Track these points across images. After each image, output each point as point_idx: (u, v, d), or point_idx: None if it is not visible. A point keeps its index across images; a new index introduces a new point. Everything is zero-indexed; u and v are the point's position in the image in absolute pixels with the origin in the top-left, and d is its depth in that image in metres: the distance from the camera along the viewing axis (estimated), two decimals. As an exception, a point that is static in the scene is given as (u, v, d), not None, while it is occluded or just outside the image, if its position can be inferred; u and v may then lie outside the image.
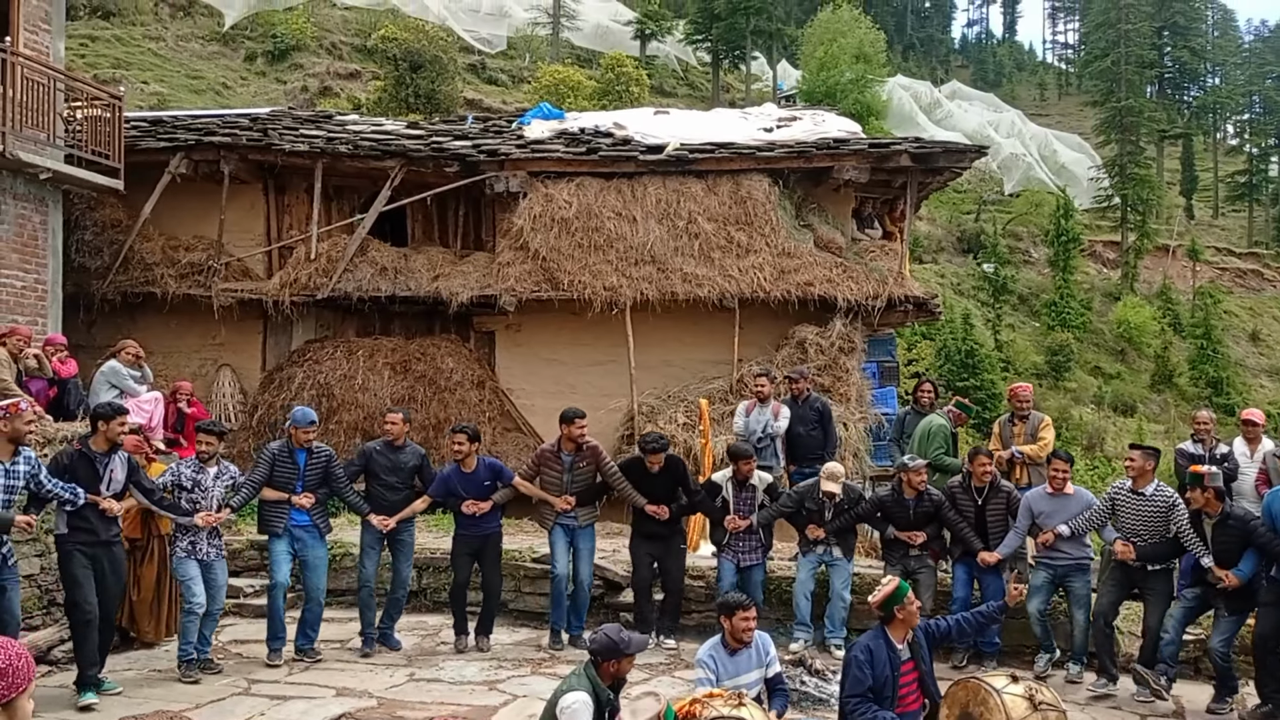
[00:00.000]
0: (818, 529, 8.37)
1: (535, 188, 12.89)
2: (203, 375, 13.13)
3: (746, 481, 8.49)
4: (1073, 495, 7.92)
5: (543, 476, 8.52)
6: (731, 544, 8.49)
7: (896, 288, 12.68)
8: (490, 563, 8.45)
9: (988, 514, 8.21)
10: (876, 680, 5.87)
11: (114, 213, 13.17)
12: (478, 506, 8.23)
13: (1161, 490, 7.50)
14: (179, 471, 7.63)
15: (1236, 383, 35.90)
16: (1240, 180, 53.02)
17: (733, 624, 6.09)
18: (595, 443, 8.68)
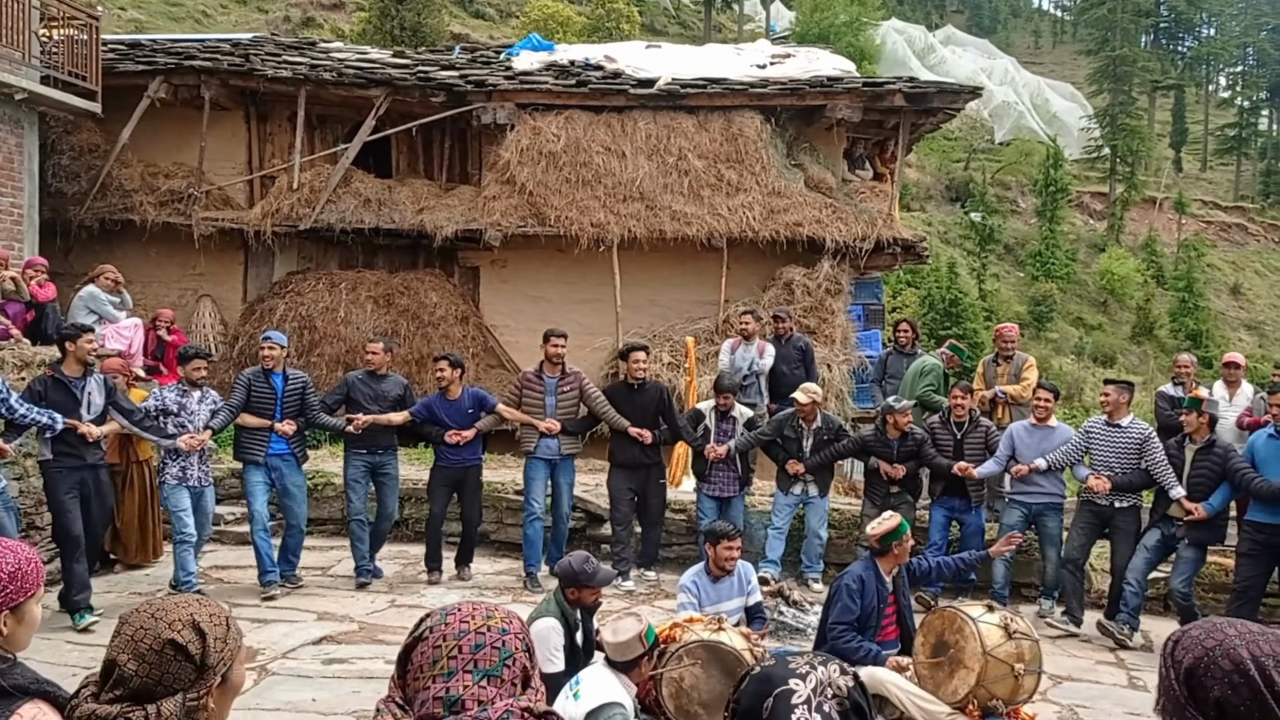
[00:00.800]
0: (797, 464, 8.39)
1: (523, 120, 12.72)
2: (183, 306, 12.99)
3: (728, 413, 8.53)
4: (1055, 428, 8.02)
5: (526, 402, 8.41)
6: (710, 475, 8.53)
7: (885, 229, 12.63)
8: (470, 494, 8.41)
9: (966, 448, 8.29)
10: (864, 610, 5.95)
11: (91, 137, 12.93)
12: (460, 436, 8.17)
13: (1136, 424, 7.66)
14: (163, 396, 7.54)
15: (1216, 335, 36.11)
16: (1230, 134, 52.90)
17: (717, 552, 6.15)
18: (578, 369, 8.68)
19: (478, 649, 1.76)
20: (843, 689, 1.71)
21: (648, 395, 8.53)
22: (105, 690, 1.74)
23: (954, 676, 5.74)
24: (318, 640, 6.71)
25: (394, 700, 1.76)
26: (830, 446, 8.46)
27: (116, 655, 1.76)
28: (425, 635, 1.78)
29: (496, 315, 13.28)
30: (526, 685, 1.79)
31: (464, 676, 1.73)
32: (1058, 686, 6.39)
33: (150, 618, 1.78)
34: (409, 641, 1.79)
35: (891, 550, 6.03)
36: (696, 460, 8.72)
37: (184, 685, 1.75)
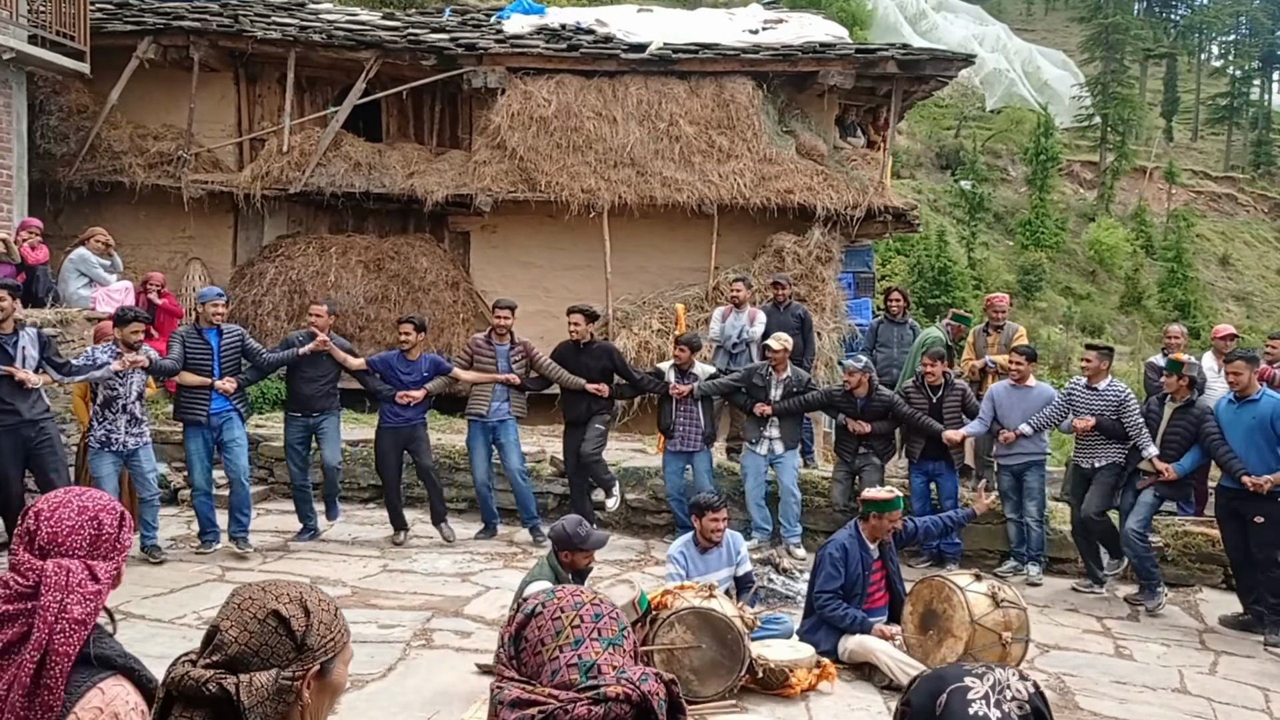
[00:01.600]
0: (764, 405, 8.48)
1: (514, 84, 12.63)
2: (172, 269, 12.90)
3: (688, 370, 8.71)
4: (1034, 388, 8.29)
5: (477, 367, 8.60)
6: (673, 429, 8.67)
7: (877, 197, 12.60)
8: (422, 452, 8.50)
9: (944, 412, 8.42)
10: (849, 578, 6.04)
11: (80, 98, 12.79)
12: (410, 397, 8.24)
13: (1114, 385, 7.95)
14: (94, 356, 7.31)
15: (1204, 306, 36.26)
16: (1221, 103, 52.82)
17: (703, 524, 6.22)
18: (525, 339, 8.87)
19: (598, 618, 1.77)
20: (1023, 693, 1.72)
21: (595, 354, 8.77)
22: (203, 656, 1.73)
23: (942, 645, 5.84)
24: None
25: (511, 678, 1.74)
26: (796, 395, 8.55)
27: (220, 621, 1.75)
28: (538, 611, 1.78)
29: (487, 281, 13.25)
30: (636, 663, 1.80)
31: (591, 644, 1.73)
32: (1045, 655, 6.49)
33: (261, 590, 1.78)
34: (520, 620, 1.79)
35: (869, 519, 6.13)
36: (660, 414, 8.87)
37: (281, 661, 1.72)
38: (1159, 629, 7.22)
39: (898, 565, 6.38)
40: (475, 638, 6.22)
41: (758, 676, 5.50)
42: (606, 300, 12.75)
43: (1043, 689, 1.70)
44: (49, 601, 1.96)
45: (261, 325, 12.35)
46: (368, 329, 12.73)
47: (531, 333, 12.84)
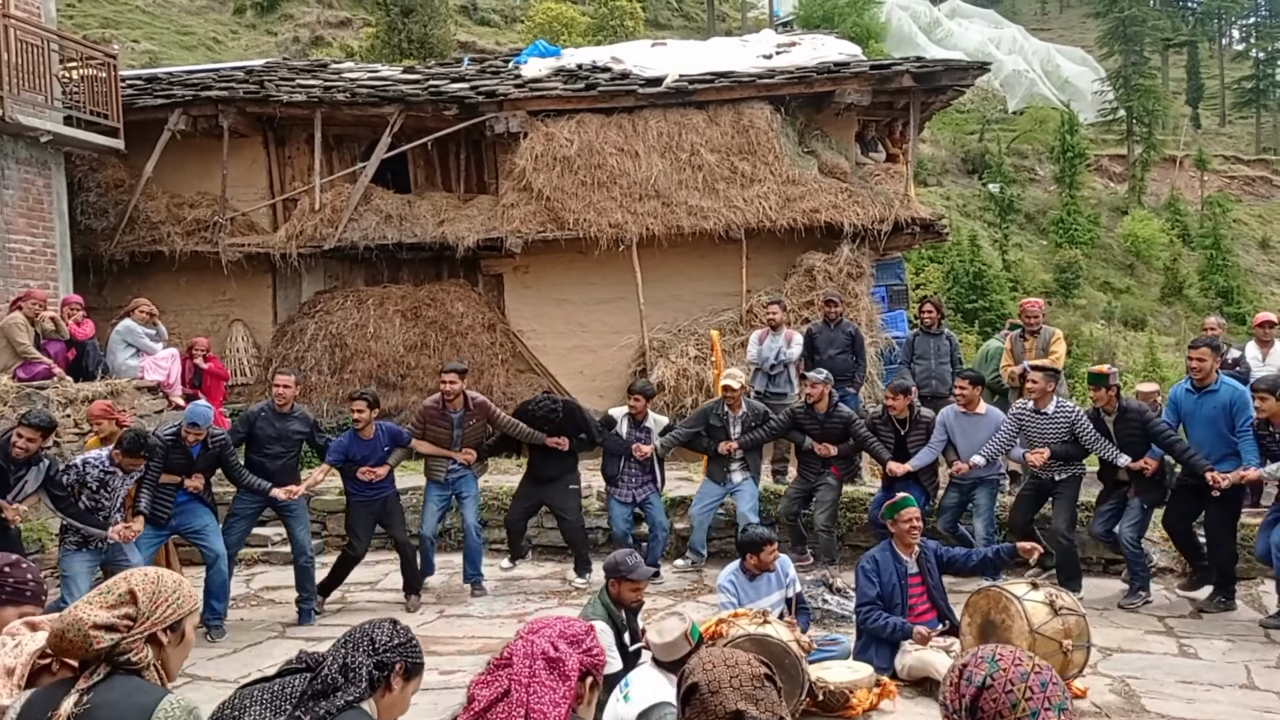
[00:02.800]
0: (730, 443, 8.49)
1: (535, 127, 12.82)
2: (215, 331, 13.21)
3: (642, 422, 8.56)
4: (985, 414, 8.21)
5: (430, 434, 8.26)
6: (621, 480, 8.55)
7: (903, 210, 12.63)
8: (395, 526, 8.15)
9: (909, 444, 8.39)
10: (884, 589, 6.07)
11: (116, 173, 13.17)
12: (374, 474, 7.88)
13: (1062, 407, 7.85)
14: (84, 472, 6.76)
15: (1247, 291, 35.73)
16: (1247, 86, 52.18)
17: (760, 559, 6.23)
18: (482, 397, 8.56)
19: (1044, 687, 1.91)
20: None
21: (563, 417, 8.44)
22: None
23: (1001, 654, 5.79)
24: (372, 655, 6.82)
25: None
26: (757, 429, 8.58)
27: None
28: (988, 684, 1.92)
29: (522, 321, 13.41)
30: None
31: (1046, 715, 1.88)
32: (1107, 659, 6.42)
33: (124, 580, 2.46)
34: (971, 692, 1.94)
35: (890, 526, 6.17)
36: (606, 463, 8.67)
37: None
38: (1222, 625, 7.12)
39: (940, 582, 6.35)
40: (535, 678, 6.26)
41: (818, 700, 5.50)
42: (642, 331, 12.85)
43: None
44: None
45: (305, 381, 12.57)
46: (409, 376, 12.92)
47: (570, 368, 13.08)
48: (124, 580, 2.40)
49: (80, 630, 2.29)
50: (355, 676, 2.41)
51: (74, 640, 2.30)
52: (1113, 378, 7.67)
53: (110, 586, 2.39)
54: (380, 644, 2.50)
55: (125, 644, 2.32)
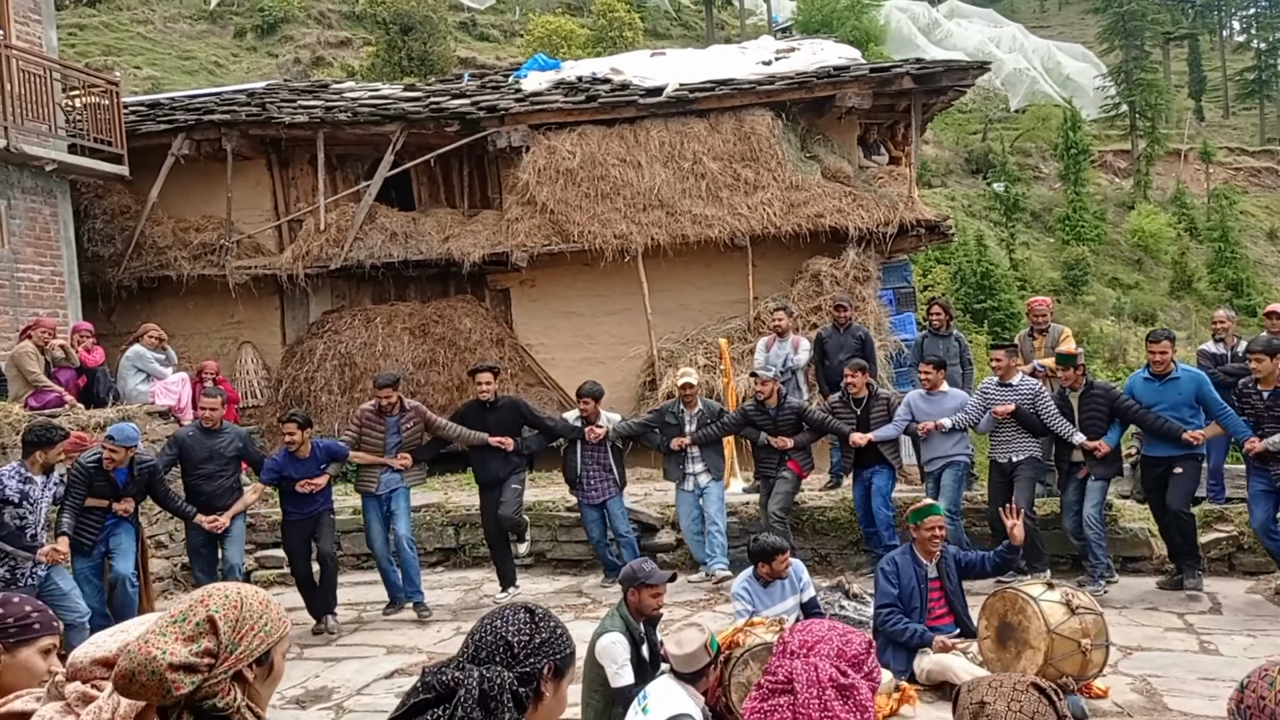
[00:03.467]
0: (682, 439, 8.50)
1: (537, 140, 12.84)
2: (225, 354, 13.24)
3: (594, 422, 8.55)
4: (947, 394, 8.52)
5: (367, 441, 8.16)
6: (582, 483, 8.51)
7: (907, 212, 12.62)
8: (325, 537, 8.02)
9: (870, 422, 8.56)
10: (903, 592, 6.05)
11: (122, 199, 13.24)
12: (312, 484, 7.77)
13: (1026, 381, 8.24)
14: (3, 485, 6.53)
15: (1257, 283, 35.55)
16: (1249, 77, 52.01)
17: (772, 568, 6.21)
18: (417, 403, 8.48)
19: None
20: None
21: (503, 412, 8.39)
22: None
23: (1021, 657, 5.77)
24: (389, 674, 6.83)
25: None
26: (711, 425, 8.60)
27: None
28: (1246, 683, 1.91)
29: (530, 334, 13.41)
30: None
31: None
32: (1128, 658, 6.37)
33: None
34: (1235, 697, 1.92)
35: (913, 530, 6.16)
36: (567, 466, 8.70)
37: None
38: (1243, 620, 7.07)
39: (958, 587, 6.32)
40: (552, 692, 6.24)
41: (837, 706, 5.46)
42: (650, 341, 12.85)
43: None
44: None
45: (316, 401, 12.59)
46: (419, 394, 12.89)
47: (579, 380, 12.93)
48: (202, 604, 1.98)
49: (154, 672, 1.87)
50: (498, 706, 1.91)
51: (147, 684, 1.88)
52: (1079, 357, 8.09)
53: (187, 613, 1.97)
54: (519, 647, 2.02)
55: (209, 687, 1.92)
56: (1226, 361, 8.94)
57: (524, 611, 2.09)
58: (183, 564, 8.51)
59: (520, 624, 2.05)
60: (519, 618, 2.07)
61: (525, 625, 2.05)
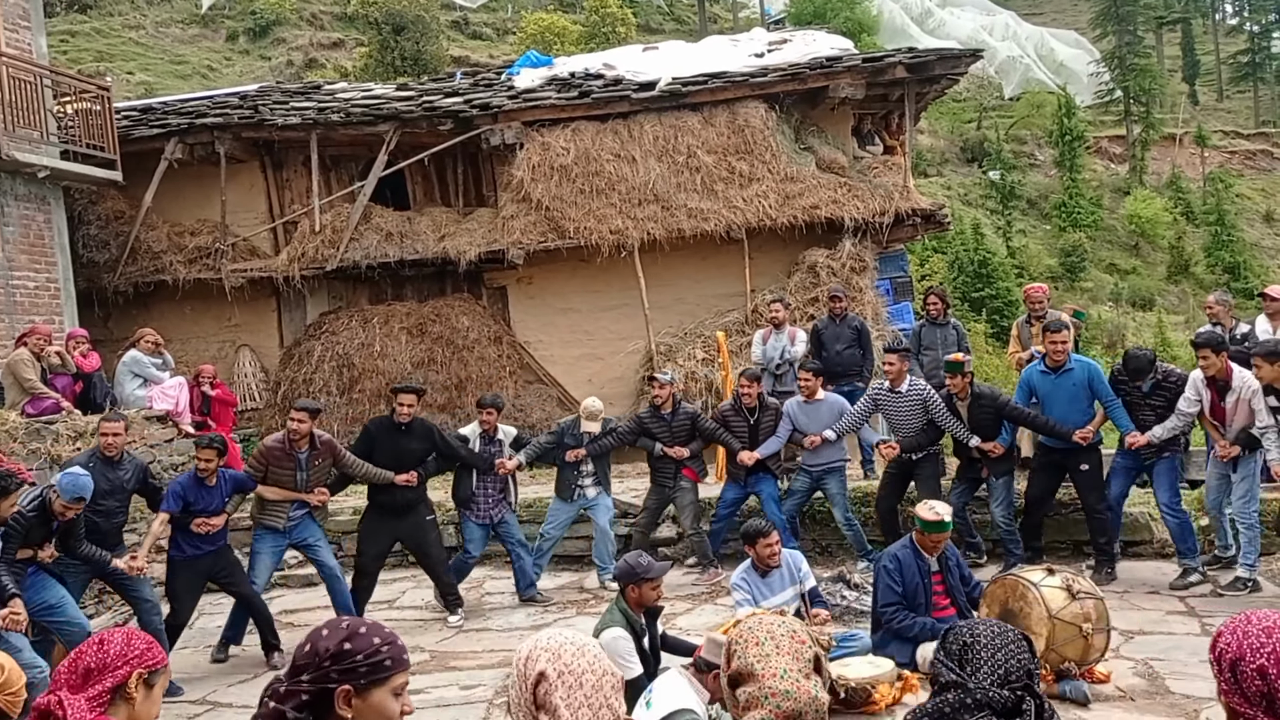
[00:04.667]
0: (578, 450, 8.45)
1: (531, 137, 12.82)
2: (222, 358, 13.23)
3: (494, 436, 8.38)
4: (824, 400, 8.64)
5: (273, 476, 7.54)
6: (476, 500, 8.32)
7: (903, 202, 12.60)
8: (238, 580, 7.39)
9: (760, 431, 8.63)
10: (907, 589, 6.03)
11: (116, 204, 13.22)
12: (209, 525, 7.13)
13: (915, 385, 8.33)
14: None
15: (1254, 265, 35.56)
16: (1243, 60, 51.99)
17: (757, 551, 6.24)
18: (329, 436, 7.92)
19: None
20: None
21: (415, 435, 7.98)
22: None
23: (1022, 642, 5.75)
24: (392, 673, 6.80)
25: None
26: (607, 435, 8.58)
27: None
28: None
29: (528, 332, 13.40)
30: None
31: None
32: (1130, 641, 6.38)
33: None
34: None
35: (919, 533, 6.11)
36: (459, 485, 8.39)
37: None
38: (1242, 603, 7.06)
39: (958, 580, 6.29)
40: (556, 688, 6.23)
41: (840, 697, 5.46)
42: (648, 336, 12.84)
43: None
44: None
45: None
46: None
47: (579, 376, 13.06)
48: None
49: None
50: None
51: None
52: (967, 365, 8.17)
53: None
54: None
55: None
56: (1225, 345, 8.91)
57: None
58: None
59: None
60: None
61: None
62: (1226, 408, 7.29)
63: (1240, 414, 7.22)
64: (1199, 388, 7.40)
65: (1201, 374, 7.38)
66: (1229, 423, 7.30)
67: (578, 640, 2.41)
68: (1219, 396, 7.32)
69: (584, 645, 2.39)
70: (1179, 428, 7.54)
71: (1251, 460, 7.28)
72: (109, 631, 2.35)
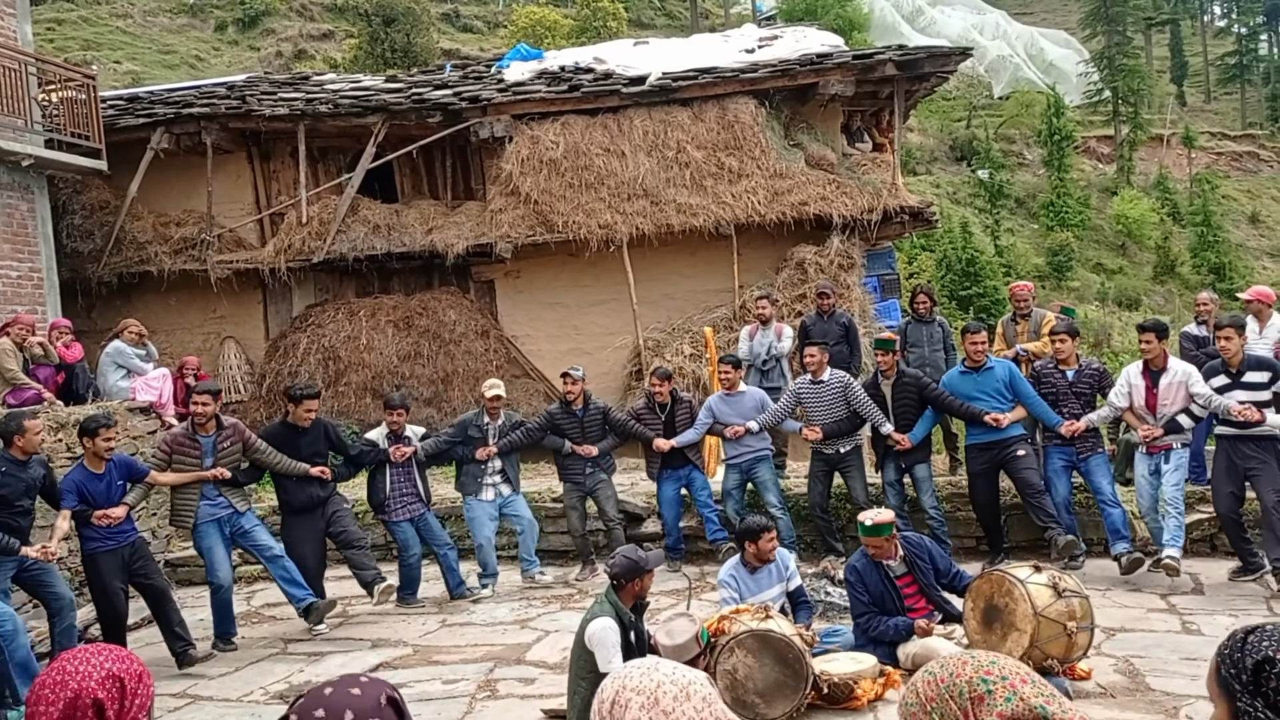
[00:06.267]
0: (488, 448, 8.46)
1: (520, 131, 12.79)
2: (207, 350, 13.17)
3: (402, 435, 8.36)
4: (744, 393, 8.80)
5: (178, 465, 7.35)
6: (390, 503, 8.27)
7: (891, 199, 12.61)
8: (151, 572, 7.18)
9: (675, 425, 8.79)
10: (873, 595, 6.05)
11: (101, 194, 13.13)
12: (109, 517, 6.84)
13: (835, 374, 8.58)
14: None
15: (1239, 266, 35.73)
16: (1231, 62, 52.24)
17: (759, 547, 6.21)
18: (236, 421, 7.85)
19: None
20: None
21: (313, 434, 7.93)
22: None
23: (1007, 639, 5.77)
24: (374, 667, 6.80)
25: None
26: (516, 431, 8.60)
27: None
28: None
29: (516, 325, 13.37)
30: None
31: None
32: (1111, 639, 6.39)
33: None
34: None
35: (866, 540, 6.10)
36: (372, 490, 8.35)
37: None
38: (1224, 600, 7.09)
39: (932, 580, 6.25)
40: (539, 683, 6.24)
41: (823, 693, 5.46)
42: (636, 331, 12.82)
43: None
44: None
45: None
46: (404, 387, 12.85)
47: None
48: None
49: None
50: None
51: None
52: (896, 344, 8.59)
53: None
54: None
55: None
56: (1209, 344, 8.96)
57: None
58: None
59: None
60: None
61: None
62: (1160, 392, 7.47)
63: (1175, 400, 7.42)
64: (1130, 380, 7.62)
65: (1139, 365, 7.63)
66: (1159, 409, 7.48)
67: (679, 677, 1.86)
68: (1153, 382, 7.49)
69: (688, 684, 1.84)
70: (1109, 417, 7.86)
71: (1182, 452, 7.52)
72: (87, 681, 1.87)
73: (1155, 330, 7.55)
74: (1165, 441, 7.47)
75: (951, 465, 9.80)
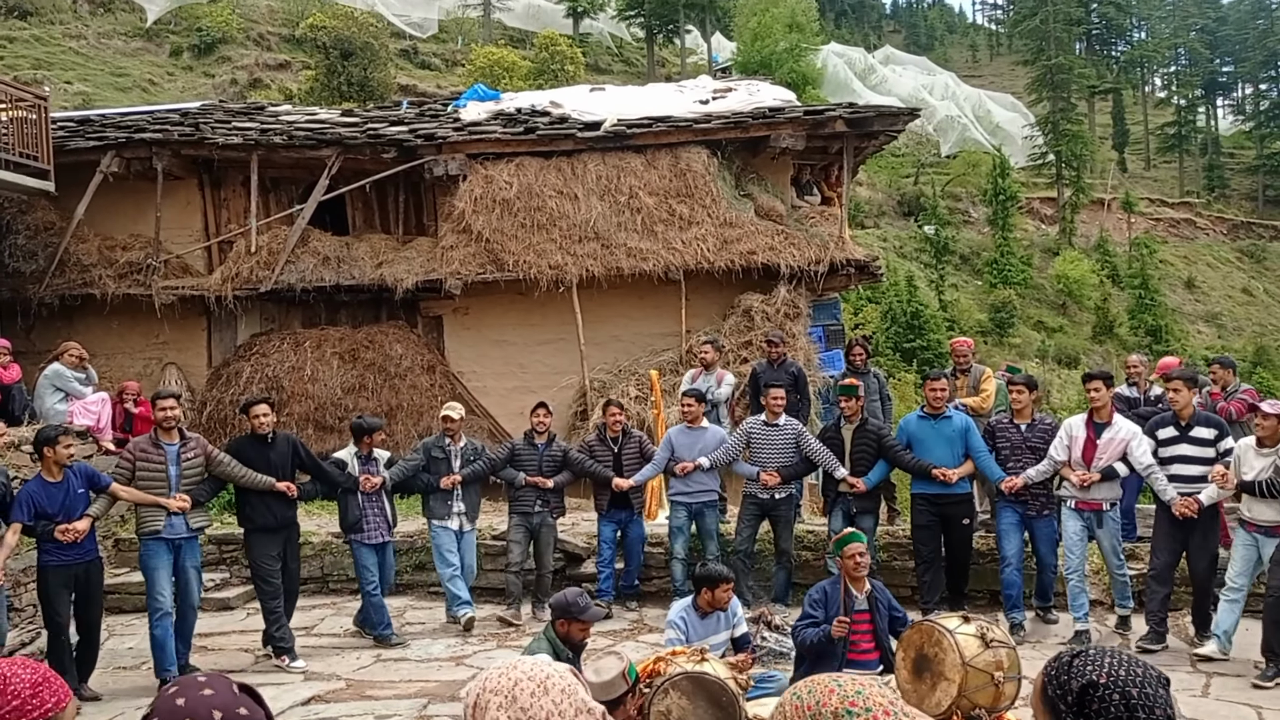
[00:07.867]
0: (453, 476, 8.57)
1: (475, 170, 12.87)
2: (148, 375, 12.96)
3: (371, 457, 8.38)
4: (706, 429, 8.92)
5: (142, 477, 7.15)
6: (364, 524, 8.22)
7: (838, 252, 12.84)
8: (95, 597, 6.95)
9: (624, 460, 8.94)
10: (829, 617, 6.13)
11: (47, 215, 12.95)
12: (74, 530, 6.67)
13: (789, 422, 8.74)
14: None
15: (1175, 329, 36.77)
16: (1170, 132, 54.06)
17: (714, 595, 6.26)
18: (199, 436, 7.76)
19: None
20: None
21: (279, 448, 7.80)
22: None
23: (936, 689, 5.85)
24: (306, 701, 6.72)
25: None
26: (479, 460, 8.74)
27: None
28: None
29: (462, 362, 13.36)
30: None
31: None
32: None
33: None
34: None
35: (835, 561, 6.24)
36: (346, 511, 8.24)
37: None
38: (1151, 656, 7.26)
39: (887, 626, 6.36)
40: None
41: (755, 737, 5.50)
42: (583, 371, 12.88)
43: None
44: None
45: (241, 426, 12.36)
46: (347, 419, 12.74)
47: (511, 409, 13.02)
48: None
49: None
50: None
51: None
52: (860, 389, 8.69)
53: None
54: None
55: None
56: (1140, 405, 9.24)
57: None
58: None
59: None
60: None
61: None
62: (1100, 444, 7.59)
63: (1110, 453, 7.56)
64: (1071, 431, 7.75)
65: (1082, 417, 7.79)
66: (1095, 461, 7.60)
67: (536, 673, 1.89)
68: (1095, 434, 7.61)
69: (546, 679, 1.87)
70: (1048, 472, 7.86)
71: (1112, 514, 7.71)
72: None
73: (1103, 378, 7.66)
74: (1096, 500, 7.58)
75: (890, 515, 9.93)
